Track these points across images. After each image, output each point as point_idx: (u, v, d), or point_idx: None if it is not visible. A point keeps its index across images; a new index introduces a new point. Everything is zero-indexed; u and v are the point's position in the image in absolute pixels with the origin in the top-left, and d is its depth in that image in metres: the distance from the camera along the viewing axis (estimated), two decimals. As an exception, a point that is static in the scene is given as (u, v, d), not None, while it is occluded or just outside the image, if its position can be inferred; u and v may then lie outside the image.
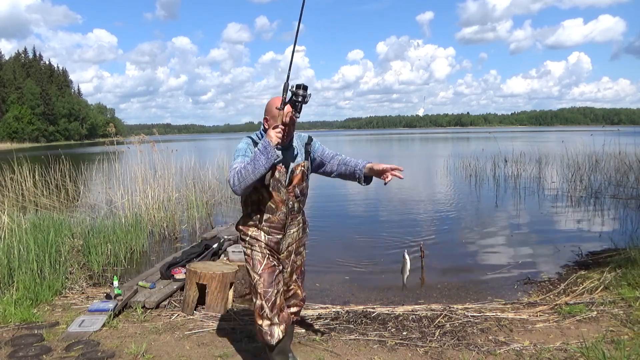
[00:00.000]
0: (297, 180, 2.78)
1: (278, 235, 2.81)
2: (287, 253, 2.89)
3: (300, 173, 2.79)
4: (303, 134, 2.92)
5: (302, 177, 2.80)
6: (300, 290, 3.04)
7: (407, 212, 10.79)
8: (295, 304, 3.03)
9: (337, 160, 2.92)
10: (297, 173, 2.78)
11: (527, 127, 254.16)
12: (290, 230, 2.86)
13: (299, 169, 2.79)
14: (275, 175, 2.70)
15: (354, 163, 2.89)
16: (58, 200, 9.21)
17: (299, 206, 2.86)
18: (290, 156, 2.78)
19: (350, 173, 2.88)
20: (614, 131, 23.72)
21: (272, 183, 2.69)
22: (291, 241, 2.89)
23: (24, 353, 3.49)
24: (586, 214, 10.07)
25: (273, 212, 2.76)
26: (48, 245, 5.33)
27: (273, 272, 2.79)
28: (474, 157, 18.23)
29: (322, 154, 2.93)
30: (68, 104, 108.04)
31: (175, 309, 4.50)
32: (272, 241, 2.80)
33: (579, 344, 3.40)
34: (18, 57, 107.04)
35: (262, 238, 2.80)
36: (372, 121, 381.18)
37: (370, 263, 6.53)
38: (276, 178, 2.71)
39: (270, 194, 2.73)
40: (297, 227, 2.90)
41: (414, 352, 3.49)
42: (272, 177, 2.68)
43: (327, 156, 2.94)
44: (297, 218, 2.88)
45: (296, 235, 2.90)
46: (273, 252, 2.82)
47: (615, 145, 14.46)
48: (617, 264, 5.29)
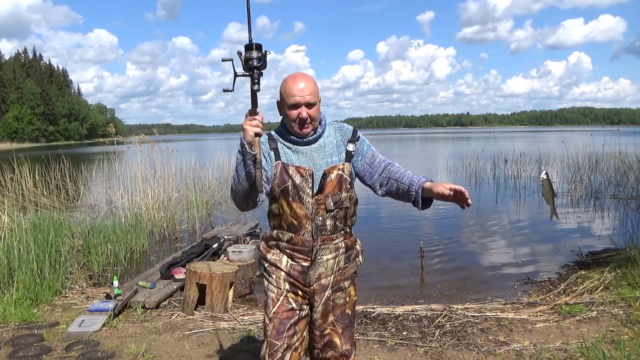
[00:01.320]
0: (332, 188, 2.05)
1: (304, 263, 2.10)
2: (318, 287, 2.12)
3: (337, 178, 2.06)
4: (345, 126, 2.20)
5: (339, 184, 2.06)
6: (340, 339, 2.17)
7: (407, 212, 10.78)
8: (333, 358, 2.19)
9: (388, 173, 2.17)
10: (331, 178, 2.05)
11: (527, 127, 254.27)
12: (322, 256, 2.09)
13: (334, 173, 2.05)
14: (296, 181, 2.03)
15: (408, 179, 2.13)
16: (58, 200, 9.22)
17: (334, 224, 2.08)
18: (320, 154, 2.09)
19: (404, 193, 2.13)
20: (614, 131, 23.71)
21: (291, 191, 2.04)
22: (324, 271, 2.11)
23: (24, 353, 3.49)
24: (586, 214, 10.06)
25: (295, 230, 2.07)
26: (48, 245, 5.34)
27: (288, 318, 2.10)
28: (474, 157, 18.23)
29: (372, 161, 2.18)
30: (68, 104, 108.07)
31: (175, 309, 4.51)
32: (295, 269, 2.11)
33: (579, 344, 3.40)
34: (18, 57, 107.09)
35: (283, 264, 2.13)
36: (372, 121, 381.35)
37: (370, 263, 6.52)
38: (296, 184, 2.03)
39: (290, 205, 2.05)
40: (335, 254, 2.12)
41: (414, 352, 3.49)
42: (292, 182, 2.03)
43: (378, 165, 2.18)
44: (334, 241, 2.10)
45: (332, 264, 2.11)
46: (296, 287, 2.13)
47: (615, 145, 14.46)
48: (617, 264, 5.29)
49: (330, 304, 2.15)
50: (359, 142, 2.16)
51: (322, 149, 2.10)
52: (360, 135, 2.18)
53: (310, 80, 2.04)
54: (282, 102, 2.05)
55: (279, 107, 2.11)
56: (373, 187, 2.19)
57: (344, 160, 2.11)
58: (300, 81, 2.01)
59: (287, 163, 2.06)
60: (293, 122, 2.02)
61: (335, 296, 2.15)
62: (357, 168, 2.16)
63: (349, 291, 2.19)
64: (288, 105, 2.01)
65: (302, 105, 1.99)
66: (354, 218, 2.19)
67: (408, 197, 2.15)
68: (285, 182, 2.04)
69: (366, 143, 2.19)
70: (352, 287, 2.21)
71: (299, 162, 2.06)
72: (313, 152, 2.08)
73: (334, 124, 2.19)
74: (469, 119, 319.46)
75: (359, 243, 2.27)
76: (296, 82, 2.00)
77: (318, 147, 2.10)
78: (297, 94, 1.98)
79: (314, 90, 2.02)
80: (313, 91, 2.02)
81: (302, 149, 2.09)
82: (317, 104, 2.04)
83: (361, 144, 2.17)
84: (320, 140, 2.11)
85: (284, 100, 2.03)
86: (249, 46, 1.86)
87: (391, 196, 2.22)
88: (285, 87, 2.03)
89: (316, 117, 2.05)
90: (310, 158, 2.08)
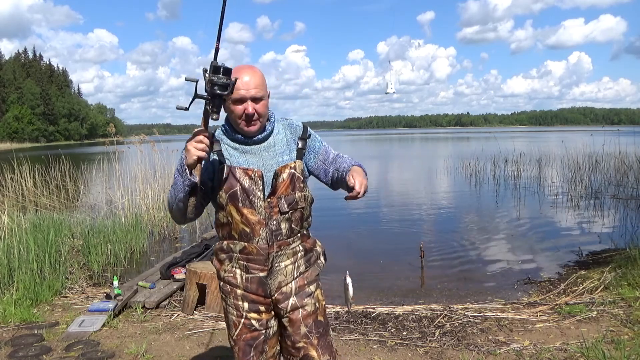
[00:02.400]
0: (285, 189, 1.89)
1: (261, 273, 1.92)
2: (280, 296, 1.95)
3: (289, 178, 1.90)
4: (294, 122, 2.03)
5: (292, 184, 1.91)
6: (316, 351, 1.97)
7: (407, 212, 10.79)
8: None
9: (337, 165, 2.04)
10: (283, 178, 1.89)
11: (527, 127, 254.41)
12: (279, 263, 1.93)
13: (286, 172, 1.90)
14: (244, 184, 1.86)
15: (347, 165, 2.02)
16: (58, 200, 9.22)
17: (290, 227, 1.92)
18: (270, 154, 1.92)
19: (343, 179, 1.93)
20: (614, 131, 23.70)
21: (240, 195, 1.86)
22: (284, 279, 1.94)
23: (24, 353, 3.49)
24: (586, 214, 10.07)
25: (248, 238, 1.89)
26: (48, 245, 5.34)
27: (253, 339, 1.96)
28: (474, 157, 18.24)
29: (325, 157, 2.04)
30: (68, 104, 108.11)
31: (175, 309, 4.51)
32: (252, 282, 1.93)
33: (579, 344, 3.40)
34: (18, 57, 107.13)
35: (238, 280, 1.94)
36: (372, 121, 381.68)
37: (370, 263, 6.53)
38: (246, 188, 1.86)
39: (240, 211, 1.87)
40: (294, 259, 1.96)
41: (414, 352, 3.49)
42: (240, 187, 1.86)
43: (332, 161, 2.05)
44: (292, 245, 1.94)
45: (292, 270, 1.95)
46: (256, 304, 1.95)
47: (615, 145, 14.46)
48: (617, 264, 5.29)
49: (299, 312, 1.96)
50: (310, 139, 2.01)
51: (272, 147, 1.94)
52: (311, 131, 2.03)
53: (257, 72, 1.87)
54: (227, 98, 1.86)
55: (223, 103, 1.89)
56: (328, 183, 2.06)
57: (295, 158, 1.95)
58: (245, 74, 1.82)
59: (233, 166, 1.88)
60: (238, 118, 1.85)
61: (304, 302, 1.96)
62: (310, 166, 2.02)
63: (317, 295, 2.02)
64: (232, 100, 1.81)
65: (247, 99, 1.81)
66: (310, 219, 2.06)
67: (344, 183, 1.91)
68: (233, 187, 1.86)
69: (318, 139, 2.04)
70: (319, 291, 2.04)
71: (247, 164, 1.89)
72: (262, 151, 1.92)
73: (282, 121, 2.02)
74: (469, 119, 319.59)
75: (318, 244, 2.12)
76: (240, 74, 1.81)
77: (267, 146, 1.93)
78: (242, 88, 1.80)
79: (261, 84, 1.86)
80: (259, 84, 1.85)
81: (250, 149, 1.91)
82: (264, 98, 1.87)
83: (313, 141, 2.02)
84: (270, 138, 1.94)
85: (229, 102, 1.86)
86: (216, 68, 1.67)
87: (333, 186, 2.08)
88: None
89: (264, 114, 1.88)
90: (259, 158, 1.91)
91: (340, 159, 2.05)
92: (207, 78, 1.67)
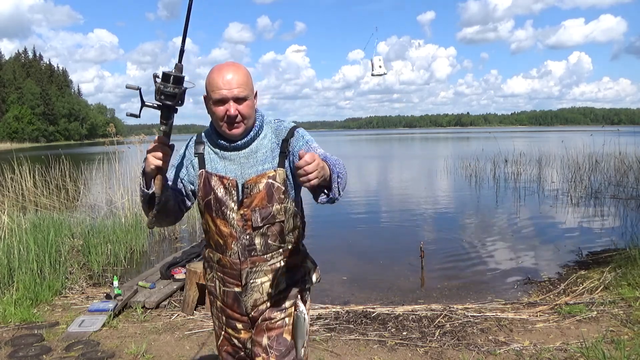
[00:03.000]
0: (260, 201, 1.70)
1: (236, 289, 1.78)
2: (257, 314, 1.80)
3: (266, 189, 1.70)
4: (284, 124, 1.79)
5: (268, 196, 1.70)
6: None
7: (407, 212, 10.79)
8: None
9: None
10: (259, 189, 1.70)
11: (527, 127, 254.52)
12: (254, 280, 1.75)
13: (263, 182, 1.70)
14: (218, 194, 1.72)
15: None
16: (58, 200, 9.22)
17: (266, 242, 1.74)
18: (251, 161, 1.73)
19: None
20: (614, 131, 23.70)
21: (214, 205, 1.73)
22: (260, 297, 1.77)
23: (24, 353, 3.49)
24: (586, 214, 10.07)
25: (222, 250, 1.77)
26: (48, 245, 5.34)
27: (235, 352, 1.88)
28: (474, 157, 18.24)
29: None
30: (68, 104, 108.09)
31: (175, 309, 4.51)
32: (228, 297, 1.81)
33: (579, 344, 3.40)
34: (18, 57, 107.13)
35: (217, 291, 1.84)
36: (372, 121, 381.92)
37: (370, 263, 6.53)
38: (219, 197, 1.72)
39: (215, 221, 1.75)
40: (272, 276, 1.77)
41: (414, 352, 3.49)
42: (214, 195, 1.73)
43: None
44: (269, 262, 1.75)
45: (267, 287, 1.77)
46: (233, 320, 1.83)
47: (615, 145, 14.47)
48: (617, 264, 5.29)
49: (266, 323, 1.78)
50: (293, 139, 1.74)
51: (254, 154, 1.74)
52: (298, 130, 1.76)
53: (241, 69, 1.69)
54: (208, 98, 1.71)
55: (206, 104, 1.76)
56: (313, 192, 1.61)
57: (277, 166, 1.72)
58: (227, 72, 1.66)
59: (210, 172, 1.75)
60: (220, 120, 1.68)
61: (273, 315, 1.78)
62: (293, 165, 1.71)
63: (290, 312, 1.79)
64: (213, 100, 1.67)
65: (229, 100, 1.65)
66: (297, 232, 1.80)
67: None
68: (207, 195, 1.74)
69: (303, 139, 1.74)
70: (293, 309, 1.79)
71: (225, 171, 1.73)
72: (242, 158, 1.73)
73: (272, 124, 1.79)
74: (469, 119, 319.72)
75: (310, 260, 1.90)
76: (222, 72, 1.66)
77: (249, 153, 1.74)
78: (224, 87, 1.64)
79: (244, 82, 1.67)
80: (243, 83, 1.66)
81: (229, 155, 1.74)
82: (249, 98, 1.68)
83: (296, 141, 1.73)
84: (253, 144, 1.74)
85: (209, 95, 1.69)
86: (166, 76, 1.55)
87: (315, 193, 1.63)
88: (209, 80, 1.69)
89: (248, 115, 1.69)
90: (238, 165, 1.73)
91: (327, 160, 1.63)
92: (156, 86, 1.55)
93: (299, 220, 1.80)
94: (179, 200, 1.79)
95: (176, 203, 1.77)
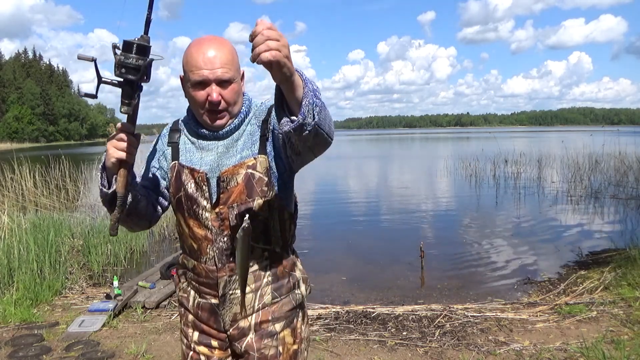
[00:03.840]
0: (238, 195, 1.42)
1: (213, 300, 1.51)
2: (236, 332, 1.50)
3: (245, 181, 1.42)
4: (266, 103, 1.50)
5: (248, 189, 1.42)
6: None
7: (407, 212, 10.79)
8: None
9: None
10: (237, 182, 1.42)
11: (527, 127, 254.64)
12: (234, 291, 1.48)
13: (241, 174, 1.42)
14: (188, 190, 1.46)
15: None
16: (58, 200, 9.21)
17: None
18: (231, 151, 1.46)
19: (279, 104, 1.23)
20: (614, 131, 23.73)
21: (185, 203, 1.47)
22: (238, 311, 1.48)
23: (24, 353, 3.49)
24: (586, 214, 10.07)
25: (196, 256, 1.50)
26: (48, 245, 5.34)
27: None
28: (474, 157, 18.24)
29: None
30: (68, 104, 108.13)
31: (175, 309, 4.50)
32: (203, 309, 1.53)
33: (579, 344, 3.40)
34: (18, 57, 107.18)
35: (190, 303, 1.57)
36: (372, 121, 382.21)
37: (370, 263, 6.53)
38: (189, 194, 1.46)
39: (187, 222, 1.49)
40: (255, 286, 1.49)
41: (414, 352, 3.49)
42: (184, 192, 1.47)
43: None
44: (251, 269, 1.47)
45: (251, 298, 1.48)
46: (209, 337, 1.55)
47: (615, 145, 14.48)
48: (617, 264, 5.30)
49: (254, 355, 1.48)
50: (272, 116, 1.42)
51: (234, 144, 1.46)
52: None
53: (225, 45, 1.39)
54: (185, 79, 1.42)
55: (183, 86, 1.46)
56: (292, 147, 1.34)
57: (258, 153, 1.43)
58: (209, 48, 1.36)
59: (183, 164, 1.48)
60: (200, 108, 1.40)
61: (262, 344, 1.48)
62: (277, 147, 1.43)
63: (283, 337, 1.50)
64: (192, 82, 1.38)
65: (211, 82, 1.36)
66: (285, 233, 1.51)
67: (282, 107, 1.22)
68: (178, 191, 1.48)
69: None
70: (288, 332, 1.51)
71: (200, 164, 1.46)
72: (221, 148, 1.46)
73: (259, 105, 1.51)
74: (469, 119, 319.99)
75: (299, 268, 1.59)
76: (202, 48, 1.36)
77: (229, 143, 1.46)
78: (204, 67, 1.35)
79: (229, 61, 1.37)
80: (228, 61, 1.37)
81: (208, 145, 1.47)
82: (234, 81, 1.39)
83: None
84: (235, 133, 1.46)
85: (187, 75, 1.39)
86: (128, 45, 1.26)
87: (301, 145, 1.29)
88: (187, 57, 1.38)
89: (233, 101, 1.41)
90: (215, 156, 1.46)
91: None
92: (116, 58, 1.25)
93: (287, 218, 1.51)
94: (153, 199, 1.51)
95: (149, 203, 1.49)
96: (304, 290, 1.58)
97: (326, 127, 1.24)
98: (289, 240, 1.55)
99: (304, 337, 1.57)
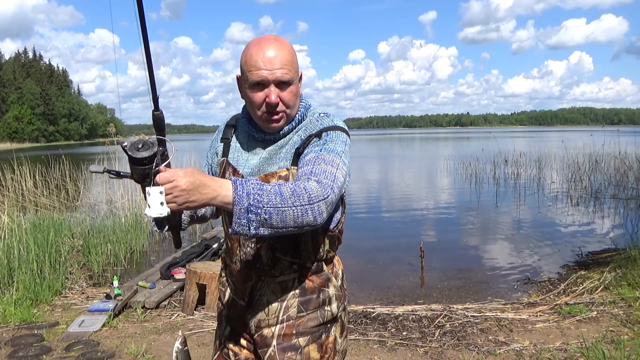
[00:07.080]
0: None
1: (241, 302, 1.52)
2: (259, 338, 1.47)
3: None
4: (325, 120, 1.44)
5: None
6: None
7: (407, 212, 10.79)
8: None
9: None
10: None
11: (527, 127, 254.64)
12: (261, 297, 1.47)
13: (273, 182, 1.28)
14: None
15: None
16: (58, 200, 9.21)
17: (274, 256, 1.42)
18: (274, 158, 1.43)
19: None
20: (614, 131, 23.71)
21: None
22: (265, 318, 1.45)
23: (24, 353, 3.49)
24: (586, 214, 10.07)
25: (230, 255, 1.52)
26: (48, 245, 5.34)
27: None
28: (474, 157, 18.24)
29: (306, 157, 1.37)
30: (68, 104, 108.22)
31: (175, 309, 4.51)
32: (235, 308, 1.55)
33: (579, 344, 3.40)
34: (18, 57, 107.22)
35: (225, 298, 1.60)
36: (372, 121, 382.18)
37: (370, 263, 6.53)
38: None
39: (225, 220, 1.52)
40: (282, 296, 1.45)
41: (414, 352, 3.49)
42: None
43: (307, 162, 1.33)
44: (279, 278, 1.45)
45: (277, 309, 1.45)
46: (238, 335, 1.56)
47: (615, 145, 14.47)
48: (617, 264, 5.30)
49: None
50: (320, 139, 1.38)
51: (278, 151, 1.42)
52: (329, 133, 1.40)
53: (285, 45, 1.35)
54: (243, 79, 1.38)
55: (239, 86, 1.43)
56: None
57: (291, 164, 1.39)
58: (269, 47, 1.32)
59: (230, 162, 1.49)
60: (257, 109, 1.36)
61: (285, 357, 1.42)
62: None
63: (308, 352, 1.43)
64: (250, 83, 1.34)
65: (270, 83, 1.32)
66: (318, 250, 1.44)
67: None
68: None
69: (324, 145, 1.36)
70: (315, 348, 1.44)
71: (245, 165, 1.45)
72: (265, 153, 1.43)
73: (315, 117, 1.45)
74: (469, 119, 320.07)
75: (335, 285, 1.50)
76: (262, 48, 1.32)
77: (275, 150, 1.42)
78: (264, 67, 1.31)
79: (289, 62, 1.34)
80: (288, 62, 1.33)
81: (257, 147, 1.46)
82: (293, 83, 1.35)
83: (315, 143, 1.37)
84: (282, 140, 1.43)
85: (245, 75, 1.35)
86: (135, 160, 1.17)
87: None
88: (246, 56, 1.34)
89: (292, 104, 1.37)
90: (259, 161, 1.43)
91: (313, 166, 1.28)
92: (128, 155, 1.19)
93: (320, 232, 1.43)
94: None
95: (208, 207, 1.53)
96: (335, 308, 1.49)
97: (288, 225, 1.16)
98: (323, 256, 1.48)
99: (338, 349, 1.51)
